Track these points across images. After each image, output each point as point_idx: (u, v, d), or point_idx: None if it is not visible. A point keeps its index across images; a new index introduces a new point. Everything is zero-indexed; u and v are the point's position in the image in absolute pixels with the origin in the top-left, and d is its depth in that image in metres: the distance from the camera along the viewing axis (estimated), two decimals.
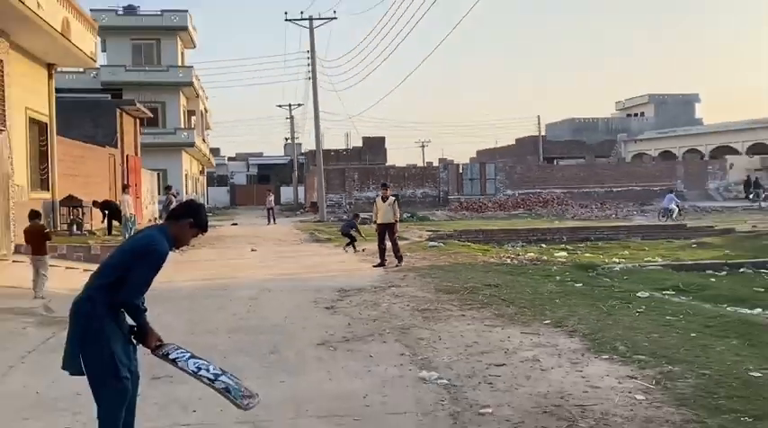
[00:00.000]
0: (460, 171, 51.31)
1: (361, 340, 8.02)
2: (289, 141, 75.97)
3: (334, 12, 42.30)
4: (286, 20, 40.50)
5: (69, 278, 12.74)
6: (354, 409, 5.47)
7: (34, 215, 12.05)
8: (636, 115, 76.57)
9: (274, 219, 38.38)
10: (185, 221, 4.25)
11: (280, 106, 70.38)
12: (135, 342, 4.15)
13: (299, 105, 67.79)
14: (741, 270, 15.36)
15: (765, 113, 60.87)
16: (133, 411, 4.16)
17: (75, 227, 20.23)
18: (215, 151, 72.23)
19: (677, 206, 33.60)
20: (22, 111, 17.05)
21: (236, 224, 36.75)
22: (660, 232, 26.38)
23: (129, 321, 4.11)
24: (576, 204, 44.87)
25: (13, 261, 14.80)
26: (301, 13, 40.91)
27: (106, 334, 3.96)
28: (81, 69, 38.60)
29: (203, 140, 54.37)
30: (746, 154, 56.14)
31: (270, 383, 6.31)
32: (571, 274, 13.64)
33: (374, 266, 15.34)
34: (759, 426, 4.77)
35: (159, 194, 31.60)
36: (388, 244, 15.84)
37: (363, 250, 18.73)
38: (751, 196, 43.38)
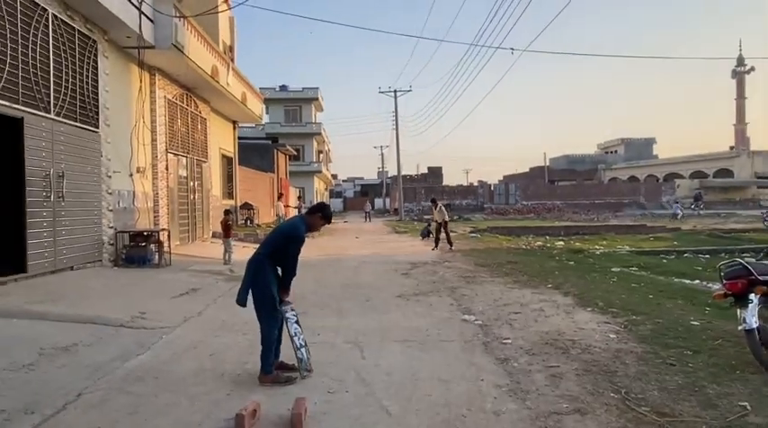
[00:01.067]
0: (492, 188, 50.19)
1: (425, 294, 7.94)
2: (380, 169, 77.10)
3: (410, 86, 42.87)
4: (379, 92, 41.08)
5: (244, 252, 13.16)
6: (419, 337, 5.42)
7: (227, 212, 12.48)
8: (611, 152, 73.33)
9: (370, 219, 38.61)
10: (317, 214, 4.35)
11: (375, 147, 74.97)
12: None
13: (387, 146, 69.13)
14: (685, 255, 14.43)
15: (702, 150, 57.24)
16: (281, 330, 4.23)
17: (248, 221, 20.92)
18: (334, 176, 73.10)
19: (682, 210, 34.63)
20: (217, 150, 17.72)
21: (346, 222, 37.10)
22: (628, 229, 24.99)
23: None
24: (570, 211, 43.23)
25: (211, 242, 15.40)
26: (389, 87, 41.48)
27: (268, 280, 4.11)
28: (253, 125, 39.90)
29: (327, 169, 55.21)
30: (689, 178, 52.97)
31: (366, 318, 6.33)
32: (566, 256, 13.11)
33: (432, 249, 15.18)
34: (697, 357, 4.46)
35: (299, 201, 32.47)
36: (441, 235, 15.59)
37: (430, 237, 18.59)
38: (693, 207, 40.84)
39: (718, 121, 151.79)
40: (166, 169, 12.62)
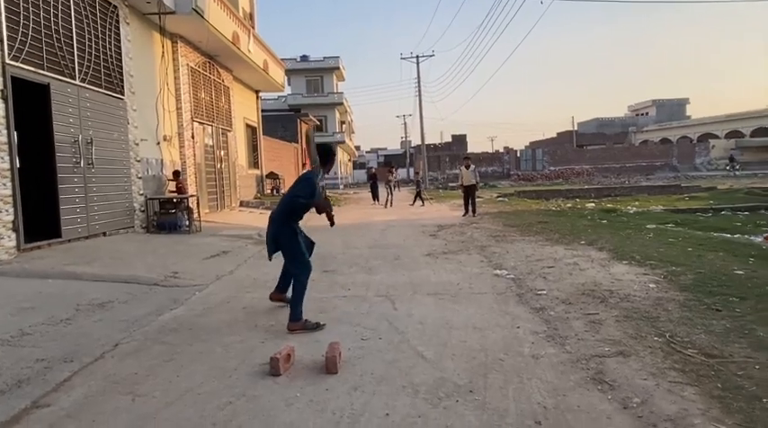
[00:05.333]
0: (518, 155, 49.26)
1: (454, 253, 7.82)
2: (403, 139, 76.34)
3: (433, 51, 41.72)
4: (401, 58, 40.20)
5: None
6: (451, 291, 5.34)
7: (176, 174, 11.28)
8: (642, 114, 70.66)
9: (396, 188, 38.38)
10: (326, 164, 4.65)
11: (397, 116, 73.58)
12: None
13: (410, 115, 68.23)
14: (722, 212, 13.91)
15: (738, 109, 54.81)
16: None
17: (275, 190, 20.99)
18: (357, 147, 72.90)
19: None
20: (241, 120, 17.66)
21: (370, 191, 36.93)
22: (661, 190, 24.21)
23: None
24: (600, 175, 42.25)
25: (239, 210, 15.50)
26: (411, 52, 40.70)
27: (292, 230, 4.07)
28: (275, 97, 39.92)
29: (350, 139, 54.95)
30: (725, 138, 50.89)
31: (395, 275, 6.26)
32: (598, 215, 12.78)
33: (463, 216, 14.58)
34: (744, 303, 4.26)
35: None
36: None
37: (423, 204, 18.33)
38: (728, 168, 39.40)
39: (757, 78, 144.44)
40: (192, 138, 12.63)
